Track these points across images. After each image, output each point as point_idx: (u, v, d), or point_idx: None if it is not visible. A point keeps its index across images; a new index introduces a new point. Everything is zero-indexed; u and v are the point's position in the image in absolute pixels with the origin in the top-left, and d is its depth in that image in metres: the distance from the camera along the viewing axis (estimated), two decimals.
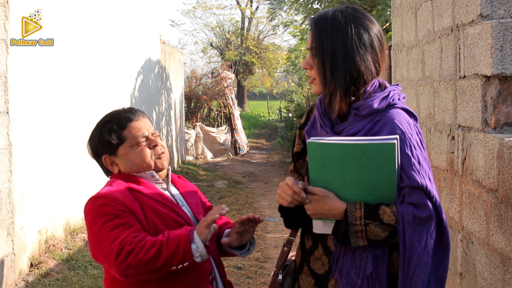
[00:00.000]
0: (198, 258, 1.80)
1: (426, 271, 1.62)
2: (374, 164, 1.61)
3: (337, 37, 1.68)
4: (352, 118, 1.72)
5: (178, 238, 1.79)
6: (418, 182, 1.63)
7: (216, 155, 14.51)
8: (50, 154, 5.63)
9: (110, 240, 1.79)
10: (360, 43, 1.68)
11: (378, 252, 1.67)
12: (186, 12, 34.34)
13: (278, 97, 34.17)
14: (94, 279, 4.81)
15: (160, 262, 1.77)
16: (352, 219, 1.64)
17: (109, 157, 2.01)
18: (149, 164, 2.00)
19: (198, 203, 2.08)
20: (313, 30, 1.74)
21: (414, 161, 1.65)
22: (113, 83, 8.03)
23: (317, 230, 1.74)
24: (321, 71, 1.71)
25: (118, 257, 1.76)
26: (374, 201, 1.65)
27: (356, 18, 1.71)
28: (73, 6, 6.41)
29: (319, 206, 1.67)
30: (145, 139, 2.00)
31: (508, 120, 2.24)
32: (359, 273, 1.67)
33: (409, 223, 1.61)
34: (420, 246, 1.62)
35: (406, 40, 3.76)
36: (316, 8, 9.23)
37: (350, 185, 1.65)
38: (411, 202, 1.64)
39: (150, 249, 1.77)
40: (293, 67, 19.24)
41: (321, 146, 1.63)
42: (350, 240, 1.65)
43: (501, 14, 2.28)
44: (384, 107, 1.71)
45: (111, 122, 2.00)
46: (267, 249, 5.92)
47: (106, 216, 1.85)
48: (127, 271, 1.77)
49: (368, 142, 1.61)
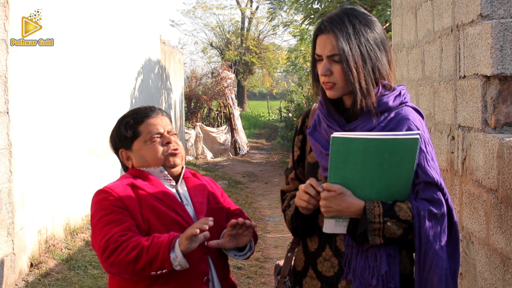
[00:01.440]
0: (177, 267, 1.81)
1: (442, 266, 1.65)
2: (395, 160, 1.62)
3: (360, 42, 1.71)
4: (364, 116, 1.73)
5: (159, 245, 1.80)
6: (434, 178, 1.66)
7: (216, 155, 14.51)
8: (50, 154, 5.63)
9: (100, 236, 1.86)
10: (376, 46, 1.72)
11: (391, 251, 1.68)
12: (186, 12, 34.40)
13: (278, 97, 34.15)
14: (94, 279, 4.81)
15: (139, 266, 1.80)
16: (371, 217, 1.64)
17: (125, 151, 2.08)
18: (159, 160, 2.03)
19: (203, 203, 2.06)
20: (332, 36, 1.72)
21: (429, 157, 1.68)
22: (113, 83, 8.03)
23: (327, 230, 1.73)
24: (352, 75, 1.70)
25: (103, 254, 1.83)
26: (389, 198, 1.66)
27: (367, 21, 1.75)
28: (73, 6, 6.42)
29: (336, 203, 1.65)
30: (159, 135, 2.04)
31: (508, 120, 2.24)
32: (373, 273, 1.68)
33: (425, 219, 1.64)
34: (435, 241, 1.65)
35: (406, 40, 3.76)
36: (316, 8, 9.23)
37: (369, 181, 1.66)
38: (426, 198, 1.66)
39: (131, 252, 1.80)
40: (293, 67, 19.22)
41: (345, 141, 1.62)
42: (368, 239, 1.65)
43: (501, 14, 2.28)
44: (398, 105, 1.75)
45: (129, 116, 2.08)
46: (267, 249, 5.92)
47: (103, 211, 1.91)
48: (111, 268, 1.85)
49: (393, 137, 1.61)
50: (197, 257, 1.93)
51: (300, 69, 18.08)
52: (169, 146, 2.04)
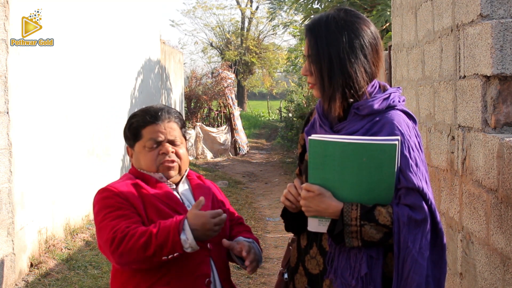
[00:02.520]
0: (189, 249, 1.80)
1: (420, 273, 1.63)
2: (374, 164, 1.61)
3: (331, 45, 1.71)
4: (352, 118, 1.73)
5: (168, 228, 1.80)
6: (415, 184, 1.64)
7: (216, 155, 14.50)
8: (50, 154, 5.63)
9: (108, 230, 1.84)
10: (351, 50, 1.71)
11: (373, 253, 1.67)
12: (186, 12, 34.34)
13: (278, 97, 34.14)
14: (94, 279, 4.81)
15: (150, 252, 1.78)
16: (348, 219, 1.64)
17: (130, 149, 2.09)
18: (153, 169, 2.01)
19: (207, 206, 2.04)
20: (308, 38, 1.77)
21: (412, 163, 1.66)
22: (113, 83, 8.03)
23: (311, 228, 1.74)
24: (319, 77, 1.75)
25: (112, 245, 1.80)
26: (370, 202, 1.65)
27: (348, 23, 1.73)
28: (73, 6, 6.42)
29: (315, 204, 1.67)
30: (158, 144, 2.01)
31: (508, 120, 2.24)
32: (354, 274, 1.67)
33: (404, 225, 1.62)
34: (415, 247, 1.62)
35: (406, 40, 3.76)
36: (316, 8, 9.23)
37: (349, 184, 1.65)
38: (406, 203, 1.65)
39: (140, 238, 1.78)
40: (293, 67, 19.23)
41: (322, 144, 1.63)
42: (345, 240, 1.65)
43: (501, 14, 2.28)
44: (384, 108, 1.73)
45: (136, 117, 2.06)
46: (267, 249, 5.92)
47: (108, 208, 1.89)
48: (120, 259, 1.81)
49: (370, 141, 1.61)
50: (199, 259, 1.93)
51: (300, 69, 18.07)
52: (164, 157, 2.00)
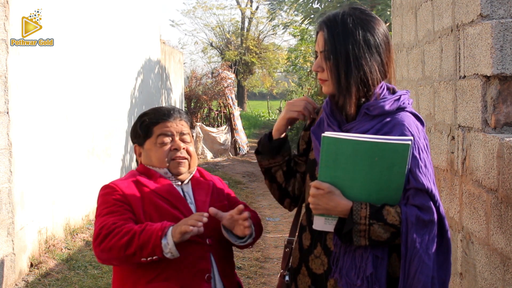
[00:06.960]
0: (168, 254, 1.82)
1: (427, 273, 1.63)
2: (385, 164, 1.61)
3: (348, 42, 1.71)
4: (362, 118, 1.74)
5: (151, 231, 1.83)
6: (424, 185, 1.65)
7: (216, 155, 14.50)
8: (50, 154, 5.63)
9: (97, 225, 1.91)
10: (366, 47, 1.72)
11: (378, 253, 1.67)
12: (186, 12, 34.31)
13: (278, 97, 34.15)
14: (94, 279, 4.81)
15: (130, 251, 1.81)
16: (357, 218, 1.64)
17: (138, 147, 2.13)
18: (164, 164, 2.06)
19: (206, 201, 2.07)
20: (325, 33, 1.76)
21: (421, 164, 1.67)
22: (113, 83, 8.03)
23: (317, 227, 1.74)
24: (334, 73, 1.74)
25: (96, 240, 1.86)
26: (379, 201, 1.66)
27: (364, 21, 1.74)
28: (73, 6, 6.42)
29: (324, 201, 1.66)
30: (170, 140, 2.06)
31: (508, 120, 2.24)
32: (359, 273, 1.67)
33: (412, 225, 1.62)
34: (422, 248, 1.63)
35: (406, 40, 3.76)
36: (316, 8, 9.24)
37: (358, 183, 1.65)
38: (415, 204, 1.65)
39: (123, 237, 1.82)
40: (293, 67, 19.22)
41: (335, 141, 1.62)
42: (353, 239, 1.65)
43: (501, 14, 2.28)
44: (395, 110, 1.74)
45: (147, 115, 2.12)
46: (267, 249, 5.92)
47: (105, 204, 1.96)
48: (102, 254, 1.86)
49: (384, 141, 1.61)
50: (198, 254, 1.94)
51: (300, 69, 18.07)
52: (175, 152, 2.06)
